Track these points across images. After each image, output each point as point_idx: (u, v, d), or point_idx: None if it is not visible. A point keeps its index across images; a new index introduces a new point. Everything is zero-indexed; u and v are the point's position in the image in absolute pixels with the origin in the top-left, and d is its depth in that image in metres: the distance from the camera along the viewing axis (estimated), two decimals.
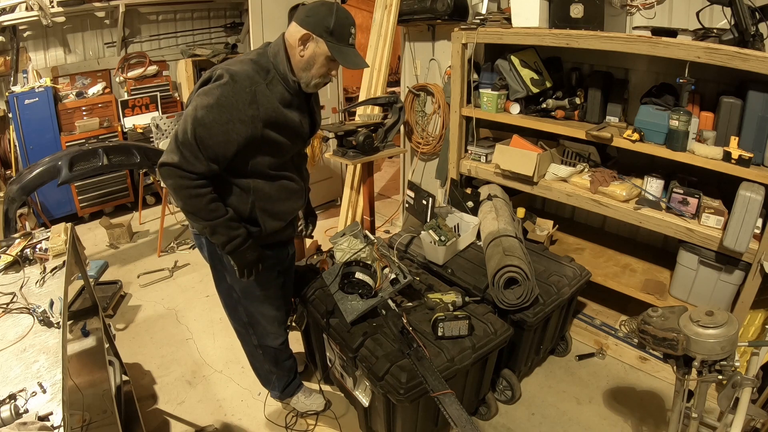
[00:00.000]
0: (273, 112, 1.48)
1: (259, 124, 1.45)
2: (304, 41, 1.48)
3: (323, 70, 1.53)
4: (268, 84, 1.48)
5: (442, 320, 1.81)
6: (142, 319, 2.99)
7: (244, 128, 1.43)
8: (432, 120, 3.60)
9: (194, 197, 1.47)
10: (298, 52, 1.50)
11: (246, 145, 1.47)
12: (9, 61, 4.15)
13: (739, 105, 2.04)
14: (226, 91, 1.40)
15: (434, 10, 3.01)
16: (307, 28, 1.46)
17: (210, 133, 1.41)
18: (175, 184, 1.45)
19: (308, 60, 1.50)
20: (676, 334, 1.37)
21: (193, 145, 1.41)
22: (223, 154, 1.45)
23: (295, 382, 2.19)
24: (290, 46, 1.51)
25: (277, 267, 1.89)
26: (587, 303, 2.81)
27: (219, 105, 1.40)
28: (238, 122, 1.42)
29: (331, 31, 1.45)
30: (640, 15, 2.44)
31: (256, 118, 1.44)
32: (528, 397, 2.29)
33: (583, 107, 2.57)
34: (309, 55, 1.49)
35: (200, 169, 1.44)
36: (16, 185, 3.14)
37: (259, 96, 1.44)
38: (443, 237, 2.43)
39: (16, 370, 1.21)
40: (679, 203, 2.21)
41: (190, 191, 1.46)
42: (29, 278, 1.66)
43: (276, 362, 2.08)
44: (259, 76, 1.47)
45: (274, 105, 1.49)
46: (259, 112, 1.44)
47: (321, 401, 2.20)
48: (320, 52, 1.49)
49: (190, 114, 1.41)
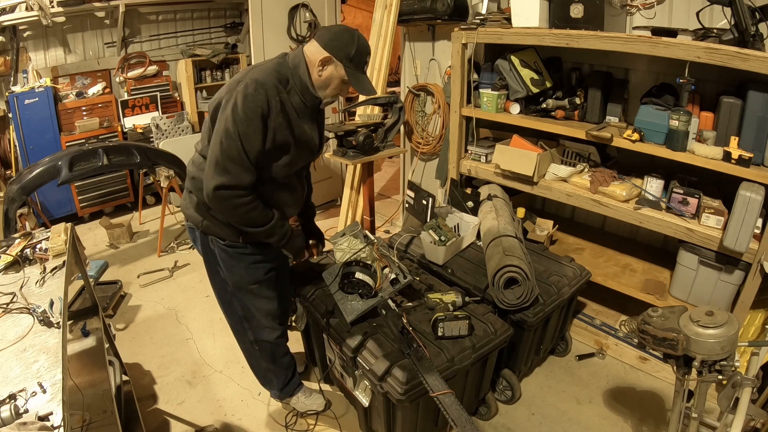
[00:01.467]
0: (293, 121, 1.60)
1: (286, 131, 1.57)
2: (324, 63, 1.57)
3: (337, 91, 1.64)
4: (288, 93, 1.58)
5: (442, 320, 1.81)
6: (142, 319, 2.99)
7: (272, 135, 1.54)
8: (432, 120, 3.61)
9: (252, 210, 1.59)
10: (316, 71, 1.59)
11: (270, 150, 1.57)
12: (9, 61, 4.15)
13: (739, 105, 2.04)
14: (256, 106, 1.48)
15: (434, 10, 3.01)
16: (330, 52, 1.56)
17: (251, 143, 1.50)
18: (231, 205, 1.55)
19: (325, 80, 1.60)
20: (676, 334, 1.37)
21: (238, 159, 1.49)
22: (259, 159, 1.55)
23: (294, 380, 2.18)
24: (310, 63, 1.60)
25: (270, 261, 1.90)
26: (587, 303, 2.81)
27: (253, 114, 1.48)
28: (270, 131, 1.53)
29: (351, 58, 1.56)
30: (640, 15, 2.44)
31: (283, 125, 1.56)
32: (528, 397, 2.29)
33: (583, 107, 2.57)
34: (327, 75, 1.59)
35: (249, 180, 1.53)
36: (16, 185, 3.14)
37: (284, 105, 1.55)
38: (443, 237, 2.43)
39: (16, 370, 1.21)
40: (679, 203, 2.21)
41: (245, 207, 1.57)
42: (29, 278, 1.66)
43: (273, 359, 2.08)
44: (284, 87, 1.57)
45: (294, 115, 1.60)
46: (284, 121, 1.55)
47: (321, 401, 2.20)
48: (337, 75, 1.59)
49: (229, 130, 1.47)
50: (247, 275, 1.82)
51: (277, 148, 1.58)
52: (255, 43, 3.76)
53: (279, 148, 1.58)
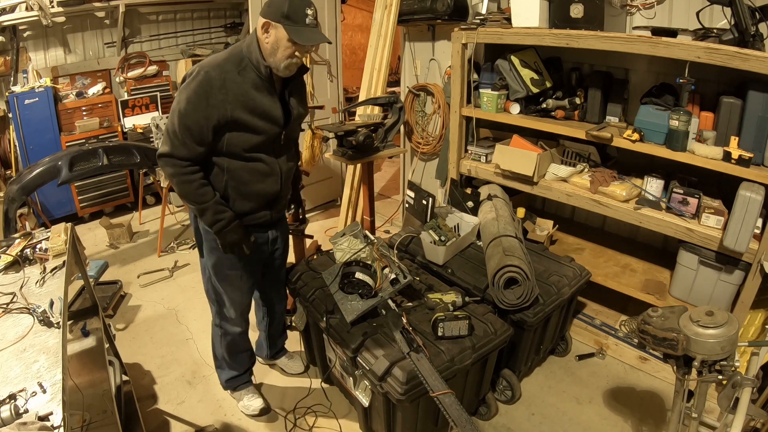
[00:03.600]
0: (242, 96, 1.63)
1: (228, 106, 1.61)
2: (266, 29, 1.62)
3: (288, 52, 1.64)
4: (241, 71, 1.64)
5: (442, 320, 1.81)
6: (142, 319, 2.99)
7: (215, 111, 1.60)
8: (432, 120, 3.60)
9: (186, 183, 1.68)
10: (264, 40, 1.64)
11: (221, 125, 1.63)
12: (9, 61, 4.15)
13: (739, 105, 2.04)
14: (199, 84, 1.59)
15: (434, 10, 3.01)
16: (267, 17, 1.60)
17: (191, 120, 1.60)
18: (170, 172, 1.67)
19: (272, 45, 1.63)
20: (676, 334, 1.37)
21: (178, 134, 1.62)
22: (204, 137, 1.63)
23: (242, 378, 2.23)
24: (259, 37, 1.65)
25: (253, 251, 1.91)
26: (587, 303, 2.81)
27: (195, 95, 1.59)
28: (212, 107, 1.60)
29: (287, 15, 1.58)
30: (640, 15, 2.44)
31: (225, 101, 1.60)
32: (528, 397, 2.29)
33: (583, 107, 2.57)
34: (272, 41, 1.62)
35: (188, 154, 1.64)
36: (16, 185, 3.14)
37: (228, 83, 1.61)
38: (443, 237, 2.43)
39: (16, 370, 1.21)
40: (679, 203, 2.21)
41: (182, 177, 1.67)
42: (29, 278, 1.66)
43: (231, 350, 2.14)
44: (231, 65, 1.64)
45: (244, 89, 1.64)
46: (227, 96, 1.60)
47: (257, 406, 2.19)
48: (281, 36, 1.61)
49: (174, 108, 1.63)
50: (223, 258, 1.88)
51: (230, 123, 1.63)
52: None
53: (232, 122, 1.64)
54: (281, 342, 2.48)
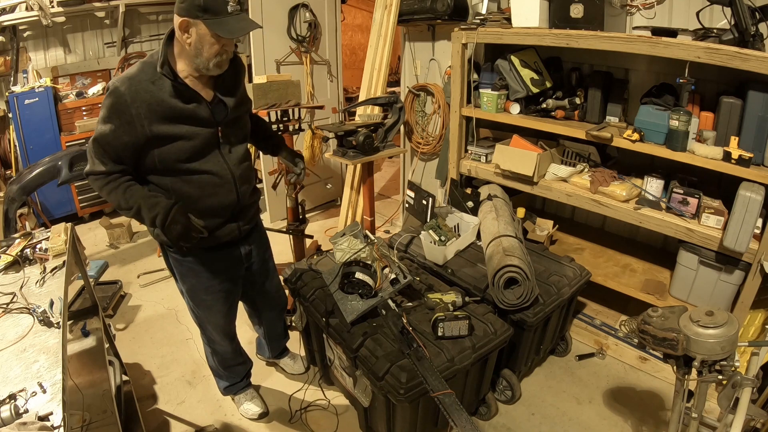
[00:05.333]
0: (158, 105, 1.48)
1: (145, 121, 1.48)
2: (184, 29, 1.45)
3: (215, 49, 1.48)
4: (155, 81, 1.48)
5: (442, 320, 1.81)
6: (142, 319, 2.99)
7: (131, 128, 1.48)
8: (432, 120, 3.60)
9: (113, 190, 1.55)
10: (185, 41, 1.47)
11: (143, 142, 1.51)
12: (9, 61, 4.15)
13: (739, 105, 2.04)
14: (110, 101, 1.47)
15: (434, 10, 3.01)
16: (183, 15, 1.42)
17: (106, 140, 1.50)
18: (96, 186, 1.57)
19: (195, 45, 1.46)
20: (676, 334, 1.37)
21: (95, 153, 1.53)
22: (122, 155, 1.53)
23: (240, 384, 2.21)
24: (179, 39, 1.49)
25: (224, 272, 1.83)
26: (587, 303, 2.81)
27: (108, 113, 1.48)
28: (126, 124, 1.48)
29: (205, 7, 1.41)
30: (640, 15, 2.44)
31: (140, 116, 1.47)
32: (528, 397, 2.29)
33: (583, 107, 2.57)
34: (194, 40, 1.46)
35: (106, 170, 1.54)
36: (16, 185, 3.14)
37: (141, 94, 1.46)
38: (443, 237, 2.43)
39: (16, 370, 1.21)
40: (679, 203, 2.21)
41: (106, 188, 1.55)
42: (29, 278, 1.66)
43: (224, 365, 2.13)
44: (144, 75, 1.49)
45: (160, 98, 1.48)
46: (141, 110, 1.47)
47: (255, 411, 2.19)
48: (203, 33, 1.44)
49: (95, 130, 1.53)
50: (198, 283, 1.80)
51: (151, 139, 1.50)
52: (255, 44, 3.76)
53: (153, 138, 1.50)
54: (283, 343, 2.45)
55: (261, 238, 2.00)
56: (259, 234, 1.98)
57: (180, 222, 1.54)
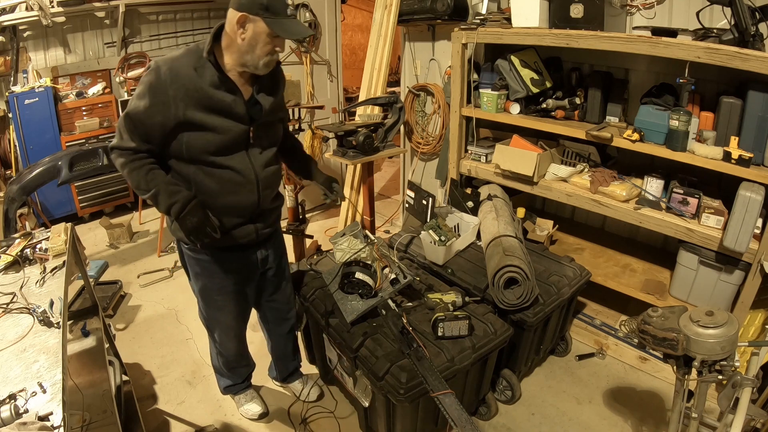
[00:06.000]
0: (196, 92, 1.49)
1: (180, 104, 1.48)
2: (241, 23, 1.45)
3: (268, 48, 1.50)
4: (198, 68, 1.49)
5: (442, 320, 1.81)
6: (142, 319, 2.99)
7: (165, 109, 1.48)
8: (432, 120, 3.60)
9: (135, 170, 1.55)
10: (238, 36, 1.47)
11: (172, 126, 1.51)
12: (9, 61, 4.15)
13: (739, 105, 2.04)
14: (149, 79, 1.48)
15: (434, 10, 3.01)
16: (243, 10, 1.43)
17: (138, 117, 1.50)
18: (119, 162, 1.57)
19: (250, 41, 1.47)
20: (676, 334, 1.37)
21: (125, 128, 1.53)
22: (151, 133, 1.53)
23: (241, 386, 2.20)
24: (229, 33, 1.49)
25: (238, 274, 1.82)
26: (587, 303, 2.81)
27: (145, 90, 1.48)
28: (161, 104, 1.48)
29: (266, 6, 1.43)
30: (640, 15, 2.44)
31: (176, 98, 1.47)
32: (528, 397, 2.29)
33: (583, 107, 2.57)
34: (249, 36, 1.46)
35: (133, 146, 1.54)
36: (16, 185, 3.13)
37: (181, 78, 1.47)
38: (443, 237, 2.43)
39: (16, 370, 1.21)
40: (679, 203, 2.21)
41: (129, 166, 1.55)
42: (29, 278, 1.66)
43: (227, 366, 2.12)
44: (187, 60, 1.50)
45: (199, 85, 1.49)
46: (179, 93, 1.47)
47: (255, 411, 2.19)
48: (260, 31, 1.46)
49: (128, 105, 1.54)
50: (210, 283, 1.79)
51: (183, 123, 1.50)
52: None
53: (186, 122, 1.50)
54: (292, 366, 2.30)
55: (279, 245, 1.97)
56: (278, 240, 1.95)
57: (196, 216, 1.55)
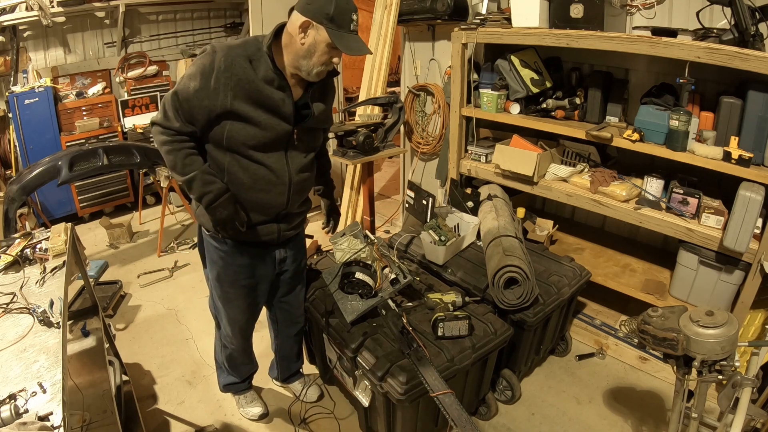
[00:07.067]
0: (248, 84, 1.49)
1: (229, 93, 1.48)
2: (304, 28, 1.46)
3: (324, 58, 1.51)
4: (253, 60, 1.50)
5: (442, 320, 1.81)
6: (142, 319, 2.99)
7: (214, 94, 1.48)
8: (432, 120, 3.60)
9: (173, 151, 1.56)
10: (299, 40, 1.48)
11: (217, 113, 1.51)
12: (9, 61, 4.15)
13: (739, 105, 2.04)
14: (204, 62, 1.48)
15: (434, 10, 3.01)
16: (308, 15, 1.45)
17: (186, 96, 1.50)
18: (158, 140, 1.57)
19: (309, 48, 1.48)
20: (676, 334, 1.37)
21: (171, 106, 1.52)
22: (196, 116, 1.52)
23: (240, 385, 2.20)
24: (291, 34, 1.50)
25: (254, 269, 1.82)
26: (587, 303, 2.81)
27: (198, 72, 1.48)
28: (211, 89, 1.48)
29: (332, 17, 1.44)
30: (640, 15, 2.44)
31: (227, 86, 1.48)
32: (528, 397, 2.29)
33: (583, 107, 2.57)
34: (310, 42, 1.48)
35: (176, 126, 1.54)
36: (16, 185, 3.14)
37: (235, 67, 1.48)
38: (443, 237, 2.43)
39: (16, 370, 1.21)
40: (679, 203, 2.21)
41: (168, 146, 1.56)
42: (29, 278, 1.66)
43: (230, 362, 2.12)
44: (244, 50, 1.50)
45: (251, 77, 1.50)
46: (230, 82, 1.47)
47: (256, 412, 2.19)
48: (321, 40, 1.47)
49: (177, 83, 1.55)
50: (224, 274, 1.79)
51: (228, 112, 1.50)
52: None
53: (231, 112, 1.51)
54: (294, 367, 2.32)
55: (300, 249, 1.99)
56: (299, 243, 1.97)
57: (227, 209, 1.59)
